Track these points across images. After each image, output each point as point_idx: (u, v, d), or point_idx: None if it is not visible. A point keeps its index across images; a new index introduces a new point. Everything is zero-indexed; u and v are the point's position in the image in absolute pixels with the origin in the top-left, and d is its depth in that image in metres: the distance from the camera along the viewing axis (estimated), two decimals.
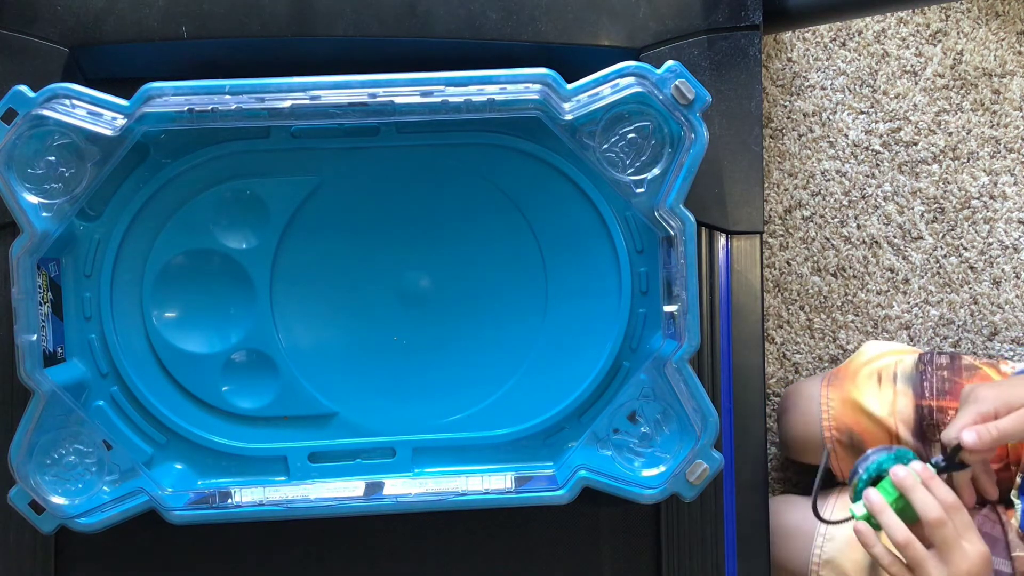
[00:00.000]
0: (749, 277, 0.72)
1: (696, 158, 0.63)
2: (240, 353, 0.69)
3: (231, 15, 0.69)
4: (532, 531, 0.72)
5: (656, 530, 0.72)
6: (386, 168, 0.69)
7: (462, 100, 0.63)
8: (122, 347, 0.68)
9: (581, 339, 0.70)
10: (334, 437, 0.70)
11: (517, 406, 0.70)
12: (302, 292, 0.70)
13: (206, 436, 0.69)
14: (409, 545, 0.72)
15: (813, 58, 0.88)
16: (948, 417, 0.74)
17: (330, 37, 0.70)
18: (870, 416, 0.76)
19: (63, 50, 0.69)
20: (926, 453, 0.76)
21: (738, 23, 0.71)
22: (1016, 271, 0.88)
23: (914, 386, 0.76)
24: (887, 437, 0.76)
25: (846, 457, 0.79)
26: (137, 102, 0.62)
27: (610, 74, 0.63)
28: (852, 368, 0.79)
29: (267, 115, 0.63)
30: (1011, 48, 0.89)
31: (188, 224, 0.68)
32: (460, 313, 0.70)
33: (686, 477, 0.64)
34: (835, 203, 0.88)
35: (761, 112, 0.72)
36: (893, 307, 0.88)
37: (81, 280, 0.68)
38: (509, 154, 0.70)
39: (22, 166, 0.62)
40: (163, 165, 0.68)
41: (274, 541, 0.71)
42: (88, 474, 0.64)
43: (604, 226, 0.69)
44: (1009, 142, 0.88)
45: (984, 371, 0.75)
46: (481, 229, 0.70)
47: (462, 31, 0.70)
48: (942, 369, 0.76)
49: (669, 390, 0.65)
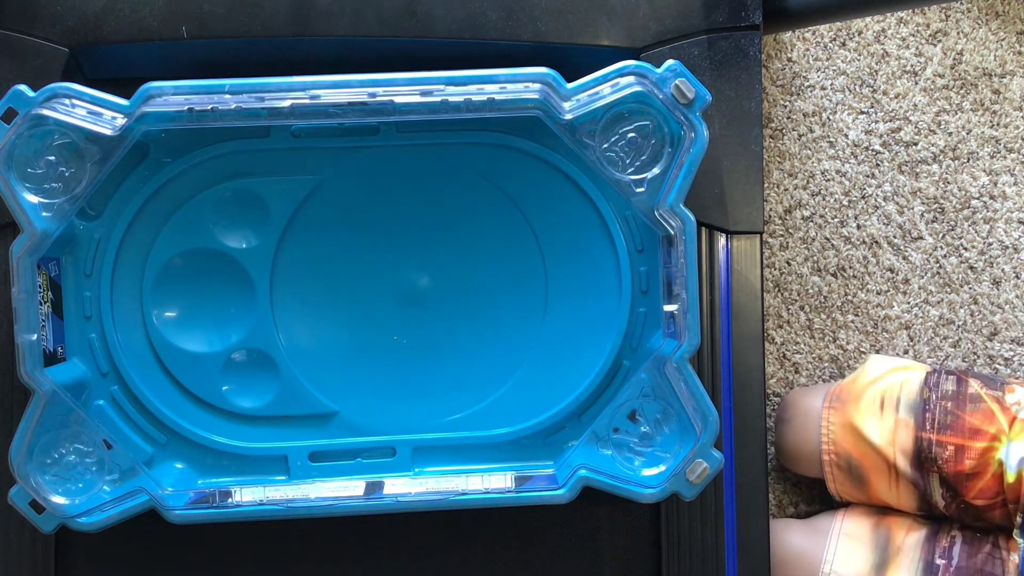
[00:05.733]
0: (749, 277, 0.72)
1: (696, 157, 0.63)
2: (240, 352, 0.69)
3: (231, 15, 0.69)
4: (532, 531, 0.72)
5: (656, 530, 0.72)
6: (386, 167, 0.69)
7: (462, 99, 0.63)
8: (122, 346, 0.68)
9: (581, 338, 0.70)
10: (334, 436, 0.70)
11: (517, 405, 0.70)
12: (302, 291, 0.70)
13: (206, 435, 0.69)
14: (409, 545, 0.72)
15: (813, 58, 0.88)
16: (946, 451, 0.74)
17: (330, 37, 0.70)
18: (869, 444, 0.76)
19: (63, 50, 0.69)
20: (923, 484, 0.76)
21: (738, 23, 0.71)
22: (1016, 271, 0.88)
23: (916, 416, 0.75)
24: (885, 465, 0.76)
25: (844, 481, 0.79)
26: (137, 102, 0.62)
27: (610, 73, 0.63)
28: (856, 389, 0.78)
29: (267, 115, 0.63)
30: (1011, 48, 0.89)
31: (188, 224, 0.68)
32: (460, 312, 0.71)
33: (686, 476, 0.64)
34: (835, 203, 0.88)
35: (761, 112, 0.72)
36: (893, 307, 0.88)
37: (81, 280, 0.68)
38: (509, 153, 0.70)
39: (22, 166, 0.62)
40: (163, 164, 0.68)
41: (274, 541, 0.71)
42: (88, 474, 0.64)
43: (604, 225, 0.70)
44: (1009, 142, 0.88)
45: (988, 405, 0.75)
46: (481, 228, 0.70)
47: (462, 31, 0.70)
48: (946, 399, 0.76)
49: (669, 389, 0.65)
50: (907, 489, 0.77)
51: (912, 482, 0.76)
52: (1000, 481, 0.73)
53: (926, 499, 0.77)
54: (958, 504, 0.75)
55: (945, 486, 0.75)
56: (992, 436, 0.74)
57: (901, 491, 0.77)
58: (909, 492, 0.77)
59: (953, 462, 0.74)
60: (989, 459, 0.74)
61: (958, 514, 0.76)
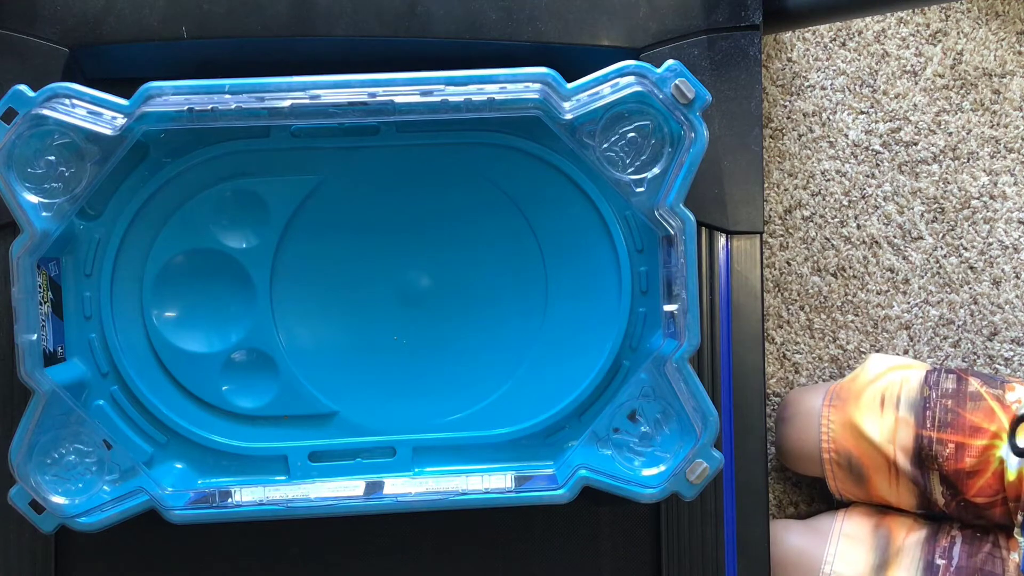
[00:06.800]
0: (749, 277, 0.72)
1: (696, 157, 0.63)
2: (240, 352, 0.69)
3: (231, 15, 0.69)
4: (532, 531, 0.72)
5: (656, 530, 0.72)
6: (386, 167, 0.69)
7: (462, 99, 0.63)
8: (122, 346, 0.68)
9: (581, 338, 0.70)
10: (334, 436, 0.70)
11: (517, 405, 0.70)
12: (302, 291, 0.70)
13: (206, 435, 0.69)
14: (409, 545, 0.72)
15: (813, 58, 0.88)
16: (946, 449, 0.74)
17: (330, 37, 0.70)
18: (869, 441, 0.76)
19: (63, 50, 0.69)
20: (923, 482, 0.76)
21: (738, 23, 0.71)
22: (1016, 271, 0.88)
23: (916, 414, 0.75)
24: (885, 463, 0.76)
25: (845, 479, 0.79)
26: (137, 101, 0.62)
27: (610, 73, 0.63)
28: (856, 387, 0.78)
29: (267, 114, 0.63)
30: (1011, 48, 0.89)
31: (188, 223, 0.68)
32: (460, 312, 0.71)
33: (686, 476, 0.64)
34: (835, 203, 0.88)
35: (761, 112, 0.72)
36: (893, 307, 0.88)
37: (81, 279, 0.68)
38: (509, 153, 0.70)
39: (22, 166, 0.62)
40: (163, 164, 0.68)
41: (274, 541, 0.71)
42: (88, 473, 0.64)
43: (604, 225, 0.70)
44: (1009, 142, 0.88)
45: (988, 403, 0.75)
46: (481, 228, 0.70)
47: (462, 31, 0.70)
48: (947, 397, 0.76)
49: (669, 389, 0.65)
50: (907, 487, 0.77)
51: (912, 480, 0.76)
52: (1001, 479, 0.73)
53: (926, 497, 0.77)
54: (958, 502, 0.75)
55: (945, 484, 0.75)
56: (993, 434, 0.74)
57: (901, 489, 0.77)
58: (909, 490, 0.77)
59: (953, 460, 0.74)
60: (990, 457, 0.74)
61: (958, 512, 0.76)
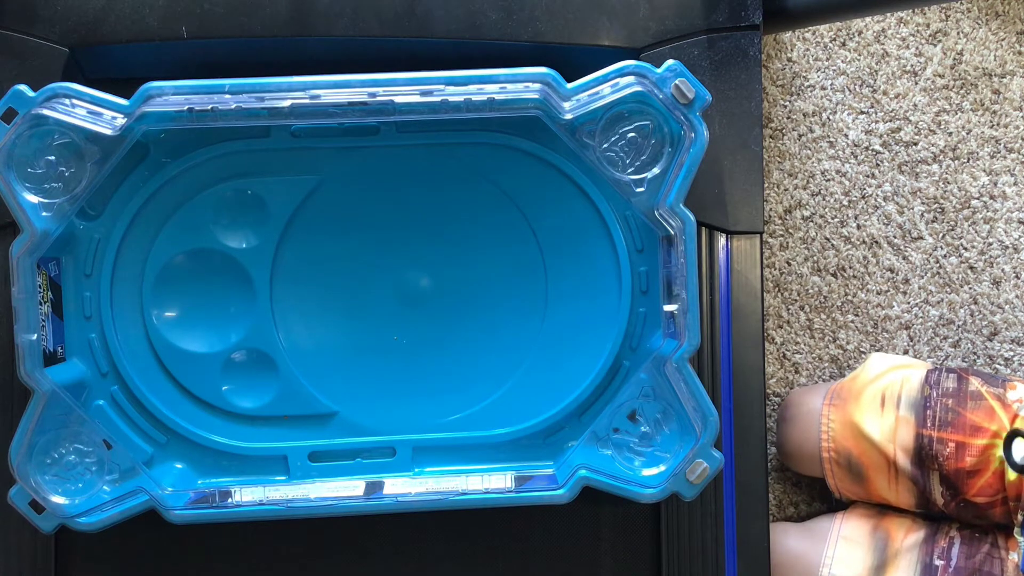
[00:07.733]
0: (749, 277, 0.72)
1: (696, 157, 0.63)
2: (240, 352, 0.69)
3: (231, 15, 0.69)
4: (532, 531, 0.72)
5: (656, 530, 0.72)
6: (386, 167, 0.69)
7: (462, 99, 0.63)
8: (122, 347, 0.68)
9: (581, 338, 0.70)
10: (334, 436, 0.70)
11: (517, 405, 0.70)
12: (302, 291, 0.70)
13: (206, 435, 0.69)
14: (409, 545, 0.72)
15: (813, 58, 0.88)
16: (947, 448, 0.74)
17: (330, 37, 0.70)
18: (870, 441, 0.76)
19: (63, 50, 0.69)
20: (923, 482, 0.76)
21: (738, 23, 0.71)
22: (1016, 271, 0.88)
23: (916, 413, 0.75)
24: (885, 462, 0.76)
25: (844, 478, 0.79)
26: (137, 101, 0.62)
27: (610, 73, 0.63)
28: (857, 386, 0.78)
29: (267, 114, 0.63)
30: (1011, 48, 0.89)
31: (188, 224, 0.68)
32: (460, 312, 0.71)
33: (686, 476, 0.64)
34: (835, 203, 0.88)
35: (761, 112, 0.72)
36: (893, 307, 0.88)
37: (81, 279, 0.68)
38: (509, 153, 0.70)
39: (22, 165, 0.62)
40: (163, 164, 0.68)
41: (274, 541, 0.71)
42: (88, 473, 0.64)
43: (604, 225, 0.70)
44: (1009, 142, 0.88)
45: (989, 402, 0.75)
46: (481, 228, 0.70)
47: (462, 31, 0.70)
48: (947, 396, 0.76)
49: (669, 389, 0.65)
50: (907, 486, 0.77)
51: (912, 479, 0.76)
52: (1001, 478, 0.73)
53: (926, 496, 0.77)
54: (958, 502, 0.75)
55: (945, 484, 0.75)
56: (993, 433, 0.74)
57: (901, 488, 0.77)
58: (909, 489, 0.77)
59: (954, 459, 0.74)
60: (990, 456, 0.74)
61: (958, 512, 0.76)
